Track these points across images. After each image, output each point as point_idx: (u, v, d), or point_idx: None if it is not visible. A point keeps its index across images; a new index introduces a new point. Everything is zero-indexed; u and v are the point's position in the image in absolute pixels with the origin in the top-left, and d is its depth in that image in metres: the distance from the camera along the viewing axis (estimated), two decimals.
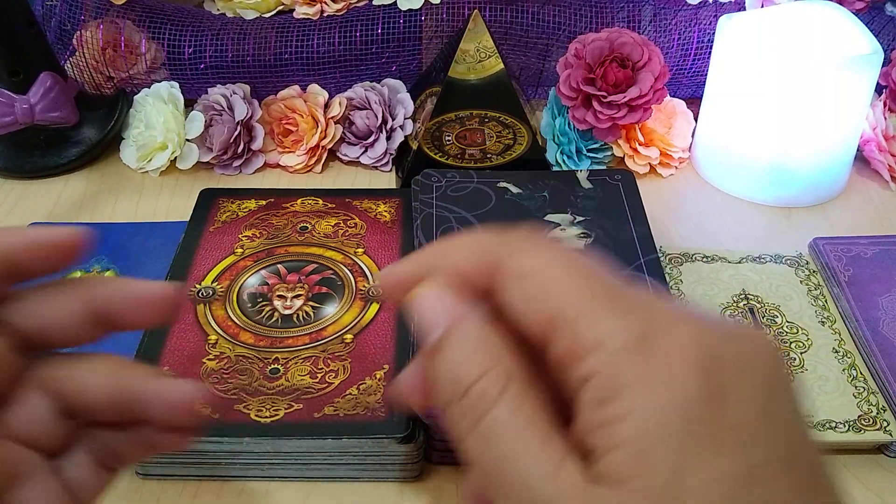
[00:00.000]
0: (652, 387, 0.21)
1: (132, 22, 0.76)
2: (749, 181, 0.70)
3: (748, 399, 0.21)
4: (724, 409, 0.21)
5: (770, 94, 0.65)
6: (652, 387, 0.21)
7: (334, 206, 0.64)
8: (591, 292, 0.23)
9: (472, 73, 0.68)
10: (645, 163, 0.71)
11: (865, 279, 0.58)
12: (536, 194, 0.61)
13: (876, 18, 0.76)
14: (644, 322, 0.22)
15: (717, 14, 0.73)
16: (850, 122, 0.67)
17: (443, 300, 0.25)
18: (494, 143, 0.68)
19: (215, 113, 0.72)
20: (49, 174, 0.73)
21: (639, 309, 0.22)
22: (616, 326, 0.22)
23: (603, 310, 0.22)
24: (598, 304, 0.22)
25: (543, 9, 0.75)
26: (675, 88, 0.77)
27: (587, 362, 0.22)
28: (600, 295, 0.23)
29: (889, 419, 0.49)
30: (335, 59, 0.75)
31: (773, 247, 0.62)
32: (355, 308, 0.54)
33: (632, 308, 0.22)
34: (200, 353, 0.51)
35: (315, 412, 0.47)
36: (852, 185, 0.72)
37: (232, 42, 0.75)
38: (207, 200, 0.64)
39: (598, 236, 0.57)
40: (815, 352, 0.53)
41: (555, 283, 0.23)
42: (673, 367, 0.21)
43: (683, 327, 0.22)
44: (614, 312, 0.22)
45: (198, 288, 0.56)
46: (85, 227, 0.29)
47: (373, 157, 0.72)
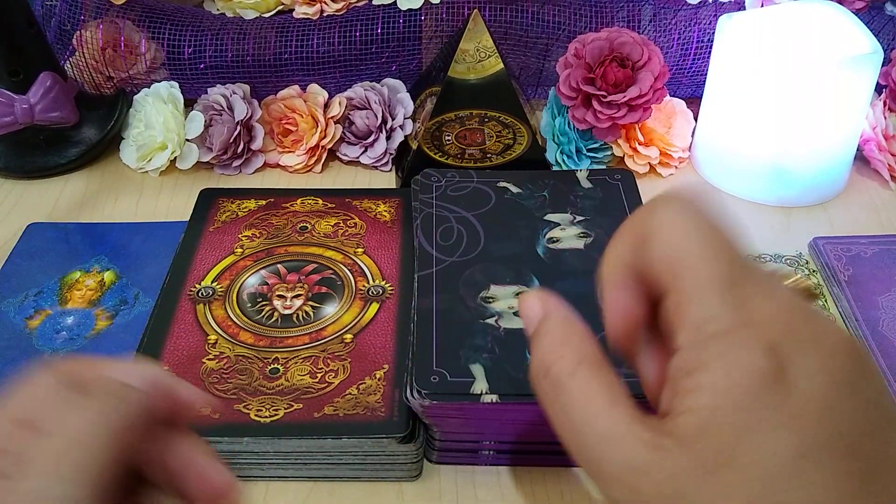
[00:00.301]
0: (728, 369, 0.24)
1: (132, 22, 0.76)
2: (749, 181, 0.70)
3: (813, 392, 0.23)
4: (787, 398, 0.23)
5: (770, 94, 0.65)
6: (728, 369, 0.24)
7: (334, 206, 0.64)
8: (714, 268, 0.25)
9: (471, 73, 0.68)
10: (645, 162, 0.71)
11: (865, 279, 0.58)
12: (536, 194, 0.61)
13: (876, 18, 0.76)
14: (744, 314, 0.24)
15: (717, 14, 0.73)
16: (850, 121, 0.67)
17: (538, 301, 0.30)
18: (494, 142, 0.68)
19: (215, 113, 0.72)
20: (49, 174, 0.73)
21: (747, 299, 0.25)
22: (719, 313, 0.25)
23: (716, 292, 0.25)
24: (715, 284, 0.25)
25: (543, 9, 0.75)
26: (675, 88, 0.77)
27: (683, 336, 0.25)
28: (721, 272, 0.25)
29: None
30: (335, 59, 0.75)
31: (773, 247, 0.62)
32: (355, 308, 0.54)
33: (742, 297, 0.25)
34: (200, 353, 0.51)
35: (315, 412, 0.47)
36: (852, 184, 0.72)
37: (232, 42, 0.75)
38: (207, 200, 0.64)
39: (598, 236, 0.57)
40: None
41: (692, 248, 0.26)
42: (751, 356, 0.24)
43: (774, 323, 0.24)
44: (725, 296, 0.25)
45: (198, 288, 0.56)
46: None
47: (373, 157, 0.72)
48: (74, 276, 0.60)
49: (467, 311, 0.51)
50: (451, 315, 0.50)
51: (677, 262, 0.26)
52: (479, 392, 0.45)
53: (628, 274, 0.28)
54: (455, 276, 0.53)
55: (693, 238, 0.26)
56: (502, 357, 0.47)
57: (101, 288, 0.59)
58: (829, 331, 0.25)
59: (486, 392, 0.45)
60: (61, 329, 0.55)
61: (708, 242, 0.26)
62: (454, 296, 0.52)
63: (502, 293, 0.52)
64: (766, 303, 0.25)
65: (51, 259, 0.61)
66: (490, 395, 0.45)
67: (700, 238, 0.26)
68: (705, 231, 0.26)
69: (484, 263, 0.54)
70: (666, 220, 0.27)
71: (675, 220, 0.27)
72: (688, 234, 0.26)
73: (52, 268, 0.60)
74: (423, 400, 0.45)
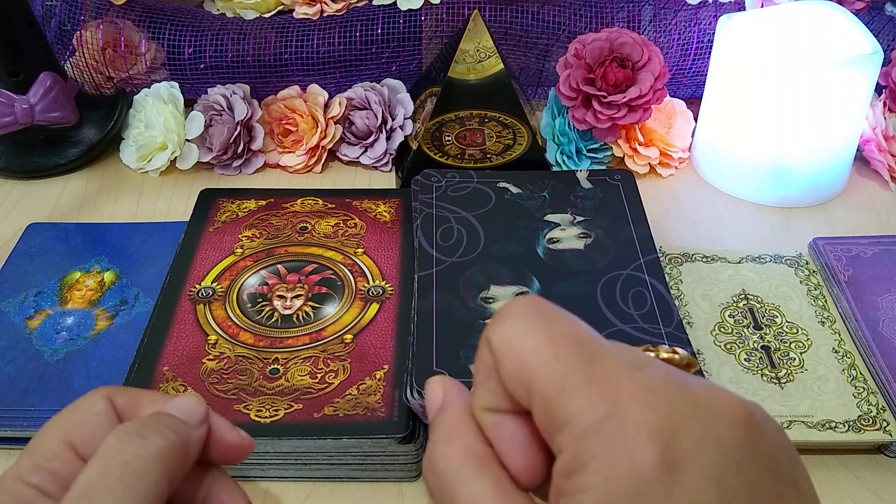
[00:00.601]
0: (611, 462, 0.22)
1: (132, 22, 0.76)
2: (749, 181, 0.70)
3: (703, 472, 0.22)
4: (677, 483, 0.22)
5: (770, 94, 0.65)
6: (611, 462, 0.22)
7: (334, 207, 0.64)
8: (562, 366, 0.24)
9: (471, 73, 0.68)
10: (645, 163, 0.71)
11: (865, 279, 0.58)
12: (536, 194, 0.61)
13: (876, 18, 0.76)
14: (609, 399, 0.23)
15: (717, 14, 0.73)
16: (850, 122, 0.67)
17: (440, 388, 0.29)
18: (494, 143, 0.68)
19: (215, 113, 0.72)
20: (49, 174, 0.73)
21: (607, 383, 0.23)
22: (582, 406, 0.23)
23: (573, 387, 0.23)
24: (569, 381, 0.24)
25: (543, 9, 0.75)
26: (675, 88, 0.77)
27: (559, 438, 0.23)
28: (572, 369, 0.24)
29: (889, 419, 0.49)
30: (335, 59, 0.75)
31: (773, 247, 0.62)
32: (355, 308, 0.54)
33: (601, 383, 0.23)
34: (200, 354, 0.51)
35: (315, 412, 0.47)
36: (852, 185, 0.72)
37: (232, 42, 0.75)
38: (207, 200, 0.64)
39: (598, 236, 0.57)
40: (814, 352, 0.53)
41: (531, 356, 0.24)
42: (632, 442, 0.22)
43: (646, 401, 0.23)
44: (583, 390, 0.23)
45: (198, 288, 0.56)
46: None
47: (373, 158, 0.72)
48: (74, 276, 0.60)
49: (467, 311, 0.51)
50: (451, 315, 0.50)
51: (527, 373, 0.24)
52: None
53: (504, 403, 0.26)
54: (455, 276, 0.53)
55: (537, 345, 0.25)
56: None
57: (101, 288, 0.59)
58: (713, 400, 0.23)
59: None
60: (61, 329, 0.55)
61: (553, 344, 0.24)
62: (454, 296, 0.52)
63: (502, 293, 0.52)
64: (632, 384, 0.23)
65: (51, 259, 0.61)
66: None
67: (545, 342, 0.25)
68: (548, 335, 0.25)
69: (484, 264, 0.54)
70: (504, 338, 0.25)
71: (513, 334, 0.25)
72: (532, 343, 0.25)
73: (52, 268, 0.60)
74: (423, 400, 0.45)
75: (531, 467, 0.26)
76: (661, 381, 0.23)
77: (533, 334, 0.25)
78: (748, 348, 0.54)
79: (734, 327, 0.55)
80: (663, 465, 0.22)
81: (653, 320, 0.50)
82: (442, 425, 0.27)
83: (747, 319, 0.56)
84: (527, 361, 0.24)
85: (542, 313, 0.25)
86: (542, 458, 0.26)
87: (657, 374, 0.23)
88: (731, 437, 0.22)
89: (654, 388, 0.23)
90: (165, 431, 0.29)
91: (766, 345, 0.54)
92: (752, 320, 0.56)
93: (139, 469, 0.27)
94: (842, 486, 0.48)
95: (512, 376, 0.25)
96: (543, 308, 0.26)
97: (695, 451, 0.22)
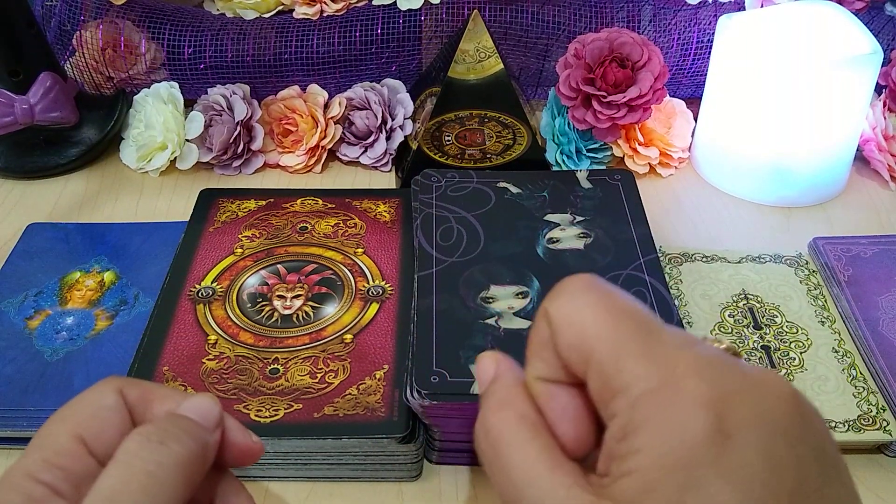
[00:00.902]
0: (664, 427, 0.23)
1: (132, 22, 0.76)
2: (749, 181, 0.70)
3: (753, 443, 0.23)
4: (727, 451, 0.23)
5: (770, 94, 0.65)
6: (664, 427, 0.23)
7: (334, 207, 0.64)
8: (621, 337, 0.25)
9: (471, 73, 0.68)
10: (645, 163, 0.71)
11: (865, 279, 0.58)
12: (536, 194, 0.61)
13: (876, 18, 0.76)
14: (666, 369, 0.24)
15: (717, 14, 0.73)
16: (850, 122, 0.67)
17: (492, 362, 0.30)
18: (494, 143, 0.68)
19: (215, 113, 0.72)
20: (49, 174, 0.73)
21: (663, 355, 0.24)
22: (639, 373, 0.24)
23: (630, 356, 0.25)
24: (626, 350, 0.25)
25: (543, 9, 0.75)
26: (674, 88, 0.77)
27: (614, 403, 0.24)
28: (629, 339, 0.25)
29: (889, 419, 0.49)
30: (335, 59, 0.75)
31: (773, 247, 0.62)
32: (355, 308, 0.54)
33: (657, 354, 0.24)
34: (200, 354, 0.51)
35: (315, 412, 0.47)
36: (852, 185, 0.72)
37: (232, 42, 0.75)
38: (207, 200, 0.64)
39: (598, 236, 0.57)
40: (814, 352, 0.53)
41: (590, 328, 0.26)
42: (685, 410, 0.23)
43: (701, 374, 0.24)
44: (640, 359, 0.24)
45: (198, 288, 0.56)
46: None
47: (372, 158, 0.72)
48: (74, 276, 0.60)
49: (467, 311, 0.51)
50: (451, 315, 0.50)
51: (586, 343, 0.25)
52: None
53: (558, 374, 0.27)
54: (455, 276, 0.53)
55: (596, 317, 0.26)
56: None
57: (101, 288, 0.59)
58: (765, 380, 0.24)
59: None
60: (61, 329, 0.55)
61: (612, 317, 0.26)
62: (454, 296, 0.52)
63: (502, 293, 0.52)
64: (688, 357, 0.24)
65: (51, 259, 0.61)
66: None
67: (603, 315, 0.26)
68: (606, 308, 0.26)
69: (484, 264, 0.54)
70: (563, 310, 0.27)
71: (573, 307, 0.26)
72: (591, 315, 0.26)
73: (52, 268, 0.60)
74: (423, 400, 0.45)
75: (580, 437, 0.26)
76: (715, 358, 0.24)
77: (592, 307, 0.26)
78: (748, 348, 0.54)
79: (734, 327, 0.55)
80: (715, 434, 0.23)
81: None
82: (495, 394, 0.28)
83: (747, 319, 0.56)
84: (586, 331, 0.26)
85: (600, 289, 0.27)
86: (592, 428, 0.27)
87: (710, 351, 0.25)
88: (780, 413, 0.23)
89: (708, 363, 0.24)
90: (186, 439, 0.29)
91: (765, 345, 0.54)
92: (752, 320, 0.56)
93: (161, 478, 0.27)
94: None
95: (570, 346, 0.26)
96: (602, 285, 0.27)
97: (745, 422, 0.23)
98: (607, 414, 0.25)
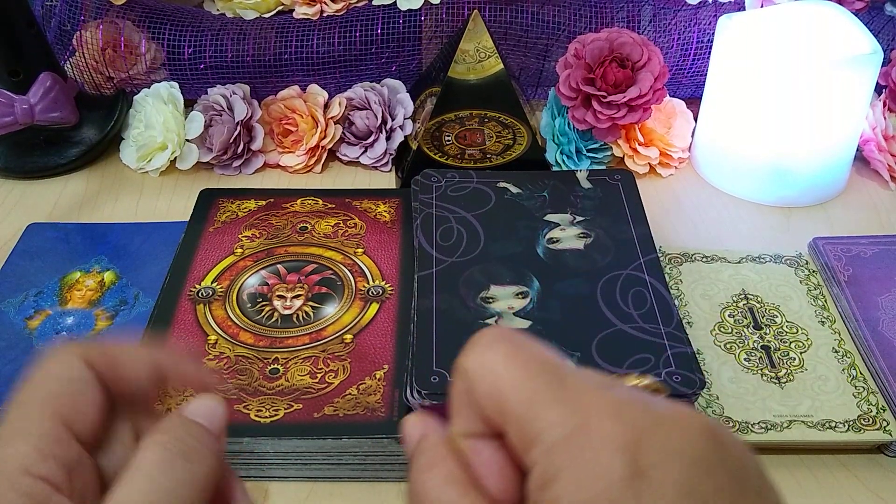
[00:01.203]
0: (581, 473, 0.23)
1: (132, 22, 0.76)
2: (749, 181, 0.70)
3: (669, 478, 0.23)
4: (645, 489, 0.23)
5: (770, 94, 0.65)
6: (581, 473, 0.23)
7: (334, 207, 0.64)
8: (533, 385, 0.25)
9: (471, 73, 0.68)
10: (645, 163, 0.71)
11: (865, 279, 0.58)
12: (536, 194, 0.61)
13: (876, 18, 0.76)
14: (580, 414, 0.24)
15: (717, 14, 0.73)
16: (850, 122, 0.67)
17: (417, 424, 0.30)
18: (494, 143, 0.68)
19: (215, 113, 0.72)
20: (49, 174, 0.73)
21: (577, 400, 0.25)
22: (553, 420, 0.24)
23: (543, 403, 0.25)
24: (540, 398, 0.25)
25: (543, 9, 0.75)
26: (674, 88, 0.77)
27: (532, 452, 0.25)
28: (542, 387, 0.25)
29: (889, 419, 0.49)
30: (335, 60, 0.75)
31: (773, 247, 0.62)
32: (355, 308, 0.54)
33: (570, 399, 0.25)
34: (200, 354, 0.51)
35: (315, 412, 0.47)
36: (852, 185, 0.72)
37: (232, 42, 0.75)
38: (207, 200, 0.64)
39: (598, 236, 0.57)
40: (814, 352, 0.53)
41: (503, 378, 0.26)
42: (600, 454, 0.23)
43: (615, 416, 0.24)
44: (553, 406, 0.25)
45: (198, 288, 0.56)
46: None
47: (372, 158, 0.72)
48: (74, 276, 0.60)
49: (467, 311, 0.51)
50: (451, 315, 0.50)
51: (501, 394, 0.26)
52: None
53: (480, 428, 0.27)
54: (455, 276, 0.53)
55: (508, 367, 0.26)
56: None
57: (101, 288, 0.59)
58: (678, 415, 0.24)
59: None
60: (61, 329, 0.55)
61: (524, 366, 0.26)
62: (454, 296, 0.52)
63: (502, 293, 0.52)
64: (602, 400, 0.25)
65: (51, 259, 0.61)
66: None
67: (515, 364, 0.26)
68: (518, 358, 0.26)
69: (484, 264, 0.54)
70: (477, 363, 0.27)
71: (485, 359, 0.27)
72: (503, 366, 0.26)
73: (52, 268, 0.60)
74: (423, 400, 0.45)
75: (508, 488, 0.27)
76: (627, 399, 0.25)
77: (504, 357, 0.26)
78: (748, 348, 0.54)
79: (734, 327, 0.55)
80: (631, 474, 0.23)
81: (653, 320, 0.50)
82: (422, 455, 0.28)
83: (747, 319, 0.56)
84: (500, 382, 0.26)
85: (512, 340, 0.27)
86: (519, 478, 0.27)
87: (623, 392, 0.25)
88: (695, 445, 0.24)
89: (620, 404, 0.24)
90: (207, 454, 0.28)
91: (765, 344, 0.54)
92: (752, 320, 0.56)
93: (185, 497, 0.27)
94: (842, 486, 0.48)
95: (486, 399, 0.26)
96: (513, 336, 0.27)
97: (660, 459, 0.23)
98: (528, 463, 0.25)
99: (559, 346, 0.48)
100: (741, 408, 0.49)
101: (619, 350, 0.48)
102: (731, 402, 0.50)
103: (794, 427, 0.48)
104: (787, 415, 0.49)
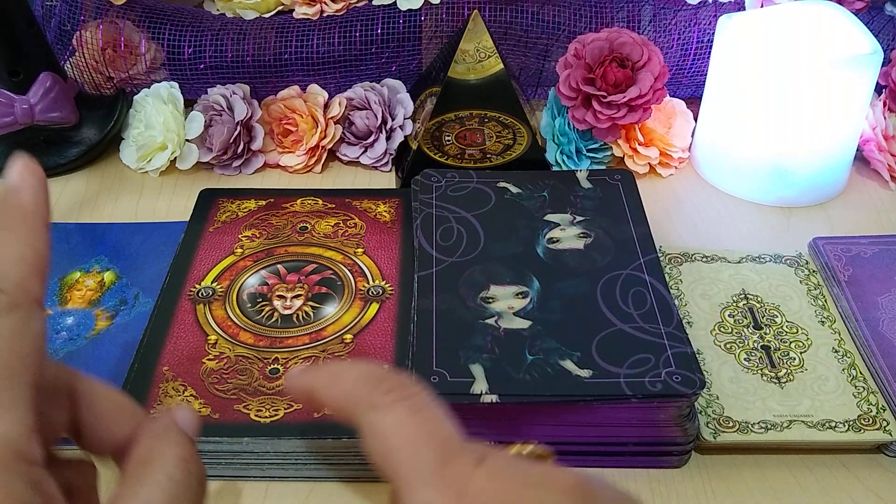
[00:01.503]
0: None
1: (132, 22, 0.76)
2: (749, 181, 0.70)
3: None
4: None
5: (770, 94, 0.65)
6: None
7: (334, 207, 0.64)
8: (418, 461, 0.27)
9: (471, 73, 0.68)
10: (645, 163, 0.71)
11: (865, 279, 0.58)
12: (536, 194, 0.61)
13: (876, 18, 0.76)
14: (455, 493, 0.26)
15: (717, 14, 0.73)
16: (850, 122, 0.67)
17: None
18: (494, 143, 0.68)
19: (215, 113, 0.72)
20: (49, 174, 0.72)
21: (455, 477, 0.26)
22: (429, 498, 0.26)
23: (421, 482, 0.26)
24: (421, 476, 0.27)
25: (543, 9, 0.75)
26: (674, 88, 0.77)
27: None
28: (425, 463, 0.27)
29: (889, 419, 0.49)
30: (335, 60, 0.75)
31: (773, 247, 0.62)
32: (355, 308, 0.54)
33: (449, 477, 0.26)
34: (200, 354, 0.51)
35: (315, 412, 0.47)
36: (852, 185, 0.72)
37: (232, 42, 0.75)
38: (207, 200, 0.64)
39: (598, 236, 0.57)
40: (814, 351, 0.53)
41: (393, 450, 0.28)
42: None
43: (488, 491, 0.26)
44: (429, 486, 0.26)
45: (198, 288, 0.56)
46: None
47: (372, 158, 0.72)
48: (74, 276, 0.60)
49: (467, 311, 0.51)
50: (451, 315, 0.50)
51: (390, 457, 0.27)
52: (479, 392, 0.45)
53: None
54: (455, 276, 0.53)
55: (401, 433, 0.28)
56: (502, 357, 0.47)
57: (101, 288, 0.59)
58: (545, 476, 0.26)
59: (485, 392, 0.45)
60: (61, 329, 0.55)
61: (415, 433, 0.27)
62: (454, 296, 0.52)
63: (502, 293, 0.52)
64: (479, 475, 0.26)
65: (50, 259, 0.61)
66: (490, 395, 0.45)
67: (408, 431, 0.28)
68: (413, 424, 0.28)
69: (484, 264, 0.54)
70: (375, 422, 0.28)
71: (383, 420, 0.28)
72: (396, 431, 0.28)
73: (52, 268, 0.60)
74: None
75: None
76: (503, 469, 0.26)
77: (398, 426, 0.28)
78: (748, 348, 0.54)
79: (734, 327, 0.55)
80: None
81: (652, 320, 0.50)
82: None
83: (747, 319, 0.56)
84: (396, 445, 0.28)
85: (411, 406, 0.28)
86: None
87: (496, 462, 0.27)
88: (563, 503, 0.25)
89: (496, 475, 0.26)
90: (203, 477, 0.28)
91: (765, 344, 0.54)
92: (752, 320, 0.56)
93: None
94: (842, 486, 0.48)
95: (377, 458, 0.28)
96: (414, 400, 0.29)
97: None
98: None
99: (559, 345, 0.48)
100: (741, 408, 0.49)
101: (619, 350, 0.48)
102: (731, 402, 0.50)
103: (794, 427, 0.48)
104: (787, 415, 0.49)
